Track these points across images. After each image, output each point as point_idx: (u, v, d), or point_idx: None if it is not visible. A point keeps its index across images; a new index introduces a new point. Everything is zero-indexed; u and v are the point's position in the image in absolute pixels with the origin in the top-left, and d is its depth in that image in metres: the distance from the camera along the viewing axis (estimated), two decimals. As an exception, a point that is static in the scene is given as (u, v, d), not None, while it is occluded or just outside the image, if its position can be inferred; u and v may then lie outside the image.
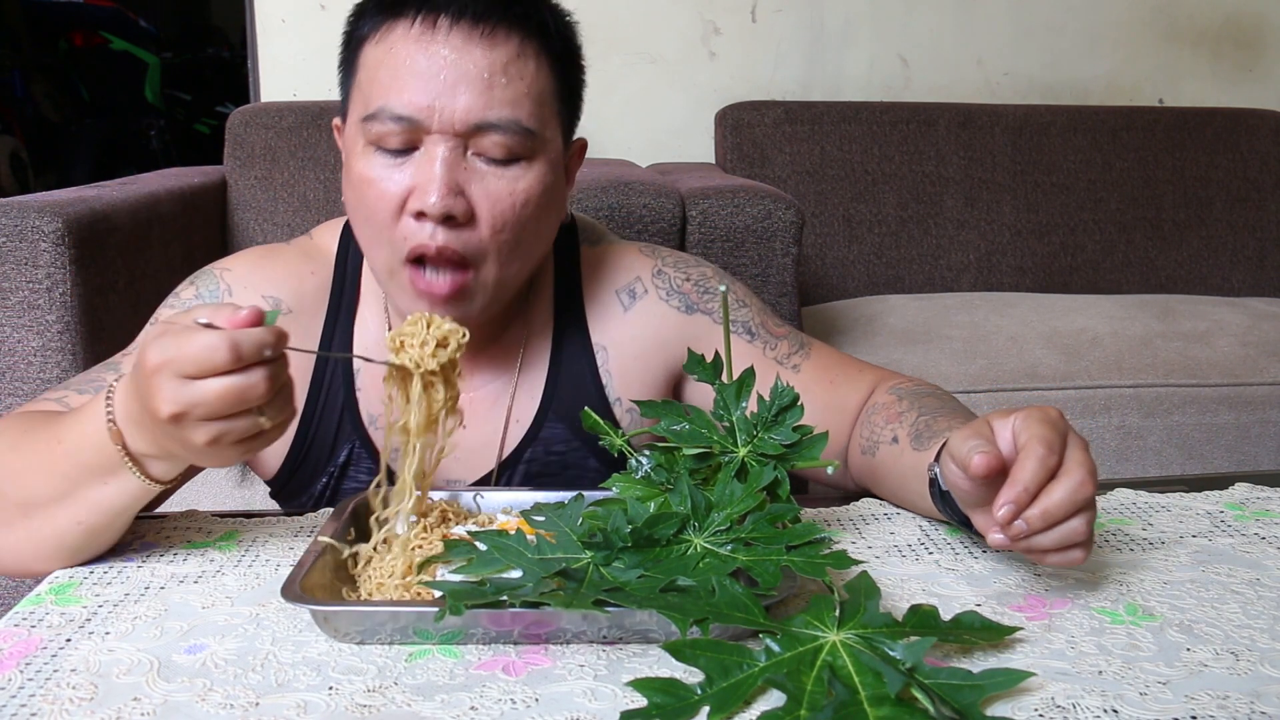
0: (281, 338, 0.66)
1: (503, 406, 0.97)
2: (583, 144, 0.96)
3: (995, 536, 0.67)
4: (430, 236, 0.83)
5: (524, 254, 0.89)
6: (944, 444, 0.75)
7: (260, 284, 0.94)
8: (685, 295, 1.00)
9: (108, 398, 0.72)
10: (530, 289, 0.99)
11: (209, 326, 0.64)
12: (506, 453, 0.97)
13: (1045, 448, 0.67)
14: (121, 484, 0.72)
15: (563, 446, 0.98)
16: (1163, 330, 2.12)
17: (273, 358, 0.65)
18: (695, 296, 1.00)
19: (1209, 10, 2.76)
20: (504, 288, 0.89)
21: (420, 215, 0.83)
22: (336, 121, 0.93)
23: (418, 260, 0.85)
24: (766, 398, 0.76)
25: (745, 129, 2.45)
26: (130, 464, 0.71)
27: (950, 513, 0.79)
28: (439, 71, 0.82)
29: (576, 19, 0.93)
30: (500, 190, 0.84)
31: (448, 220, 0.83)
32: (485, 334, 0.95)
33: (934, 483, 0.79)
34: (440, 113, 0.82)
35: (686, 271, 1.01)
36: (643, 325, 0.99)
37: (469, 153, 0.84)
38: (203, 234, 2.05)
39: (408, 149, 0.83)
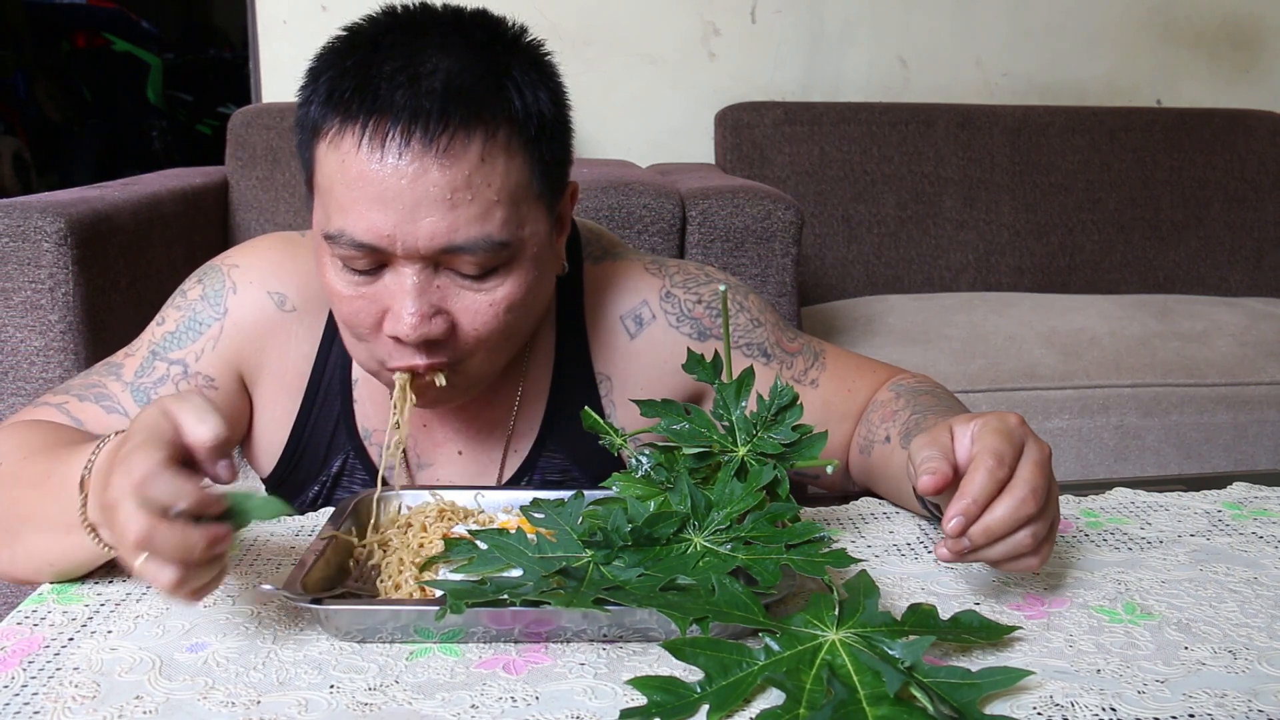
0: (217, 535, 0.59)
1: (501, 435, 0.95)
2: (574, 188, 0.89)
3: (941, 550, 0.68)
4: (412, 358, 0.79)
5: (512, 346, 0.85)
6: None
7: (267, 279, 0.92)
8: (698, 321, 0.95)
9: (97, 447, 0.69)
10: None
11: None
12: (504, 481, 0.96)
13: (995, 460, 0.67)
14: (78, 540, 0.69)
15: (559, 475, 0.96)
16: (1161, 330, 2.12)
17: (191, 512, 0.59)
18: (708, 321, 0.95)
19: (1207, 11, 2.77)
20: (489, 376, 0.87)
21: (398, 339, 0.79)
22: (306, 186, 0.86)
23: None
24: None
25: (745, 129, 2.45)
26: (85, 524, 0.68)
27: (931, 510, 0.79)
28: (396, 195, 0.74)
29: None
30: (479, 303, 0.79)
31: (427, 342, 0.79)
32: None
33: None
34: (403, 240, 0.75)
35: (697, 292, 0.96)
36: (651, 354, 0.95)
37: (441, 268, 0.78)
38: (204, 234, 2.05)
39: (376, 268, 0.78)
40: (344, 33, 0.81)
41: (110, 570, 0.76)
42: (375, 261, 0.78)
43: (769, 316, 0.99)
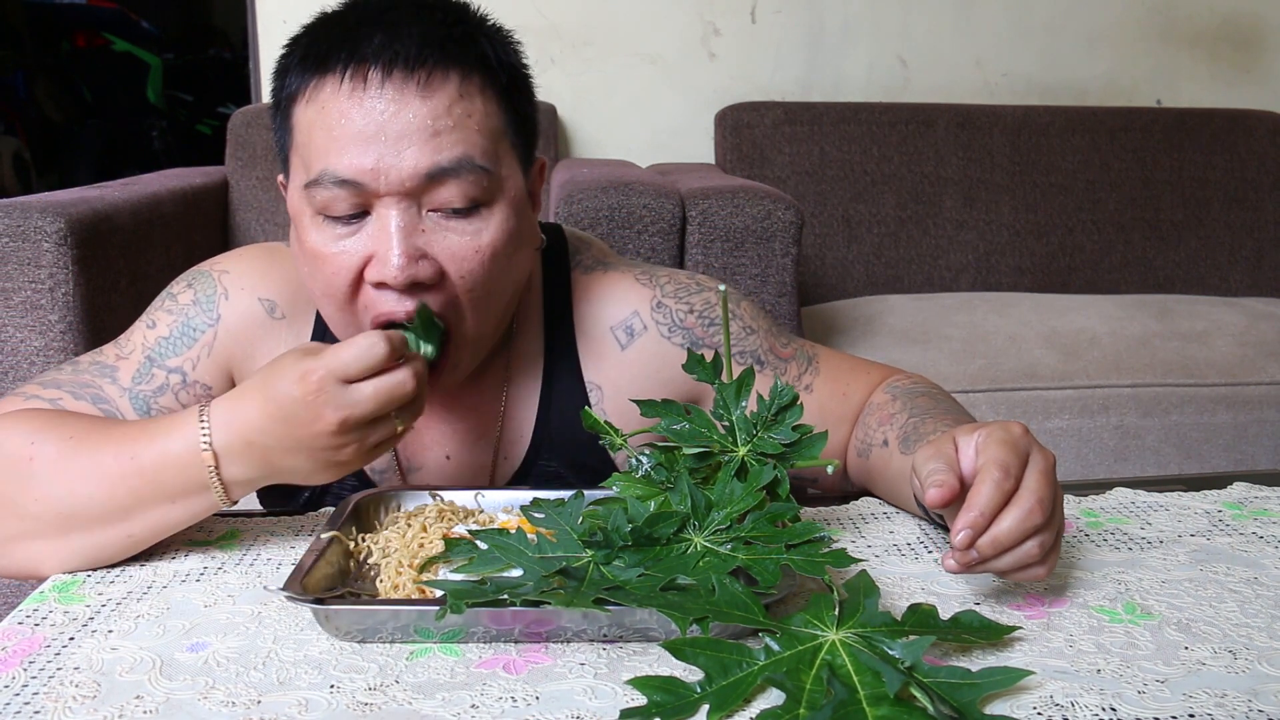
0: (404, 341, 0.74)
1: (489, 440, 0.95)
2: (542, 163, 0.90)
3: (948, 562, 0.68)
4: (398, 303, 0.79)
5: (498, 304, 0.85)
6: None
7: (256, 286, 0.92)
8: (689, 330, 0.95)
9: (201, 422, 0.73)
10: (515, 318, 0.94)
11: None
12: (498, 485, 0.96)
13: (1001, 471, 0.67)
14: (190, 505, 0.74)
15: (556, 484, 0.95)
16: (1161, 330, 2.12)
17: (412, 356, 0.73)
18: (700, 331, 0.95)
19: (1207, 11, 2.77)
20: (482, 343, 0.86)
21: (382, 285, 0.79)
22: (280, 178, 0.88)
23: (385, 325, 0.80)
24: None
25: (745, 129, 2.45)
26: (219, 489, 0.74)
27: (932, 517, 0.79)
28: (378, 129, 0.76)
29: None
30: (464, 246, 0.80)
31: (414, 287, 0.79)
32: None
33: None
34: (386, 173, 0.77)
35: (689, 301, 0.96)
36: (643, 365, 0.94)
37: (424, 210, 0.79)
38: (204, 234, 2.05)
39: (358, 214, 0.79)
40: (316, 16, 0.85)
41: (111, 570, 0.76)
42: (357, 205, 0.79)
43: (762, 323, 0.98)
